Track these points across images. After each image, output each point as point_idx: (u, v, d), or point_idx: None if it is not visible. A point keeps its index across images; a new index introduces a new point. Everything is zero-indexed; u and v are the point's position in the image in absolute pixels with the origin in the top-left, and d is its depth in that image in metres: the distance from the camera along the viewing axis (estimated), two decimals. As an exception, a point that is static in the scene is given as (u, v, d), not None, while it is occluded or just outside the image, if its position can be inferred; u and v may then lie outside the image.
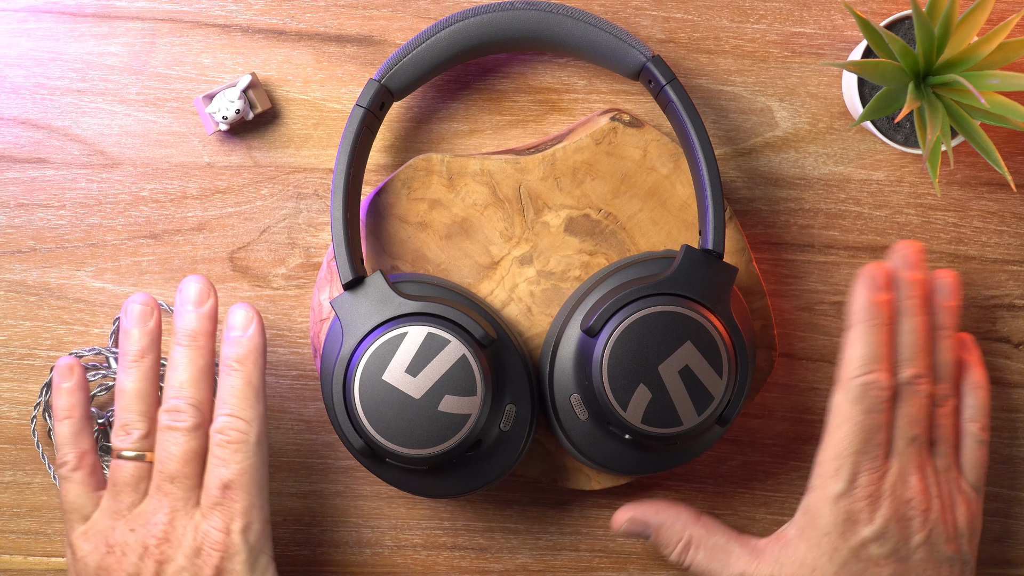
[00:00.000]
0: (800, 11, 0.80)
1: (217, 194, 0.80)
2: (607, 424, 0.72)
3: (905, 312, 0.74)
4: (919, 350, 0.74)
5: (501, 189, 0.78)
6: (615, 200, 0.78)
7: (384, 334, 0.71)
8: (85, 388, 0.75)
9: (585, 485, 0.79)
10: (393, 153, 0.80)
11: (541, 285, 0.78)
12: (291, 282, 0.80)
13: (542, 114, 0.80)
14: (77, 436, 0.74)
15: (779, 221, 0.80)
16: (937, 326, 0.75)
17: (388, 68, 0.75)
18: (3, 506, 0.81)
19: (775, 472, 0.82)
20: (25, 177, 0.80)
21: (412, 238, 0.78)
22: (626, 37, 0.75)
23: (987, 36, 0.72)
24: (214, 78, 0.80)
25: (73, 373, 0.75)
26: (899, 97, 0.73)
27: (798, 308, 0.81)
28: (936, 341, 0.75)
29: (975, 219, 0.81)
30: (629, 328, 0.70)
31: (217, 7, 0.80)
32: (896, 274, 0.75)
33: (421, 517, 0.81)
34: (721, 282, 0.72)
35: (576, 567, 0.82)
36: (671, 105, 0.74)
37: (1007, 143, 0.80)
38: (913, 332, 0.74)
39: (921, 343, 0.74)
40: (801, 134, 0.80)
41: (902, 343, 0.74)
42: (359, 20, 0.80)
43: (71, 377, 0.75)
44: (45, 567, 0.81)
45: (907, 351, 0.74)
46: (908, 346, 0.74)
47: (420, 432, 0.70)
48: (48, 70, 0.80)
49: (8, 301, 0.81)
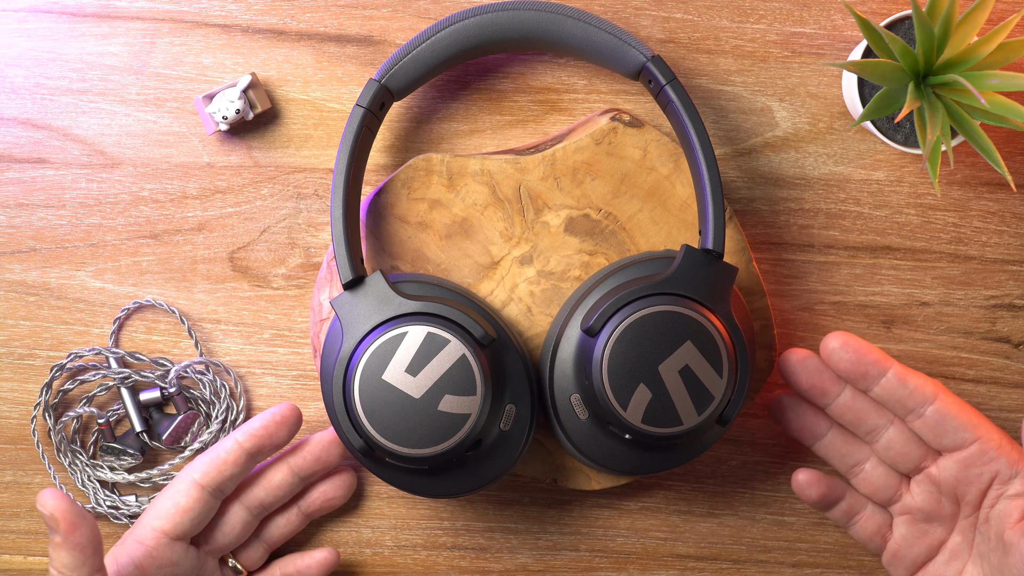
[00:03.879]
0: (800, 11, 0.80)
1: (217, 194, 0.80)
2: (607, 424, 0.72)
3: None
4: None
5: (501, 189, 0.78)
6: (615, 200, 0.78)
7: (384, 334, 0.71)
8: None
9: (585, 485, 0.79)
10: (393, 153, 0.80)
11: (541, 285, 0.78)
12: (291, 282, 0.80)
13: (542, 114, 0.80)
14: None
15: (779, 221, 0.80)
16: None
17: (388, 68, 0.75)
18: (3, 506, 0.81)
19: (775, 472, 0.82)
20: (25, 177, 0.80)
21: (412, 238, 0.78)
22: (626, 37, 0.75)
23: (987, 36, 0.72)
24: (214, 78, 0.80)
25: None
26: (899, 97, 0.73)
27: (798, 308, 0.81)
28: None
29: (975, 219, 0.81)
30: (629, 328, 0.70)
31: (217, 7, 0.80)
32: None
33: (421, 517, 0.81)
34: (721, 282, 0.72)
35: (576, 567, 0.82)
36: (671, 105, 0.74)
37: (1007, 143, 0.80)
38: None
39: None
40: (801, 134, 0.80)
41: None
42: (359, 20, 0.80)
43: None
44: (45, 567, 0.81)
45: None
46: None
47: (420, 432, 0.70)
48: (48, 70, 0.80)
49: (8, 301, 0.81)
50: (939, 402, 0.74)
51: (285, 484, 0.77)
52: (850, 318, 0.81)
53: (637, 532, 0.82)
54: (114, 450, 0.80)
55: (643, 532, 0.82)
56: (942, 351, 0.81)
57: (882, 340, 0.81)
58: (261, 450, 0.75)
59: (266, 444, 0.75)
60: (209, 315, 0.81)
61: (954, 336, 0.81)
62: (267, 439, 0.75)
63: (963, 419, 0.74)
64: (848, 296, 0.81)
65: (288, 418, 0.76)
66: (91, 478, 0.81)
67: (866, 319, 0.81)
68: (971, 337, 0.81)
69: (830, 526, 0.82)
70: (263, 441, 0.75)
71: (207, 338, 0.81)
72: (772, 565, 0.82)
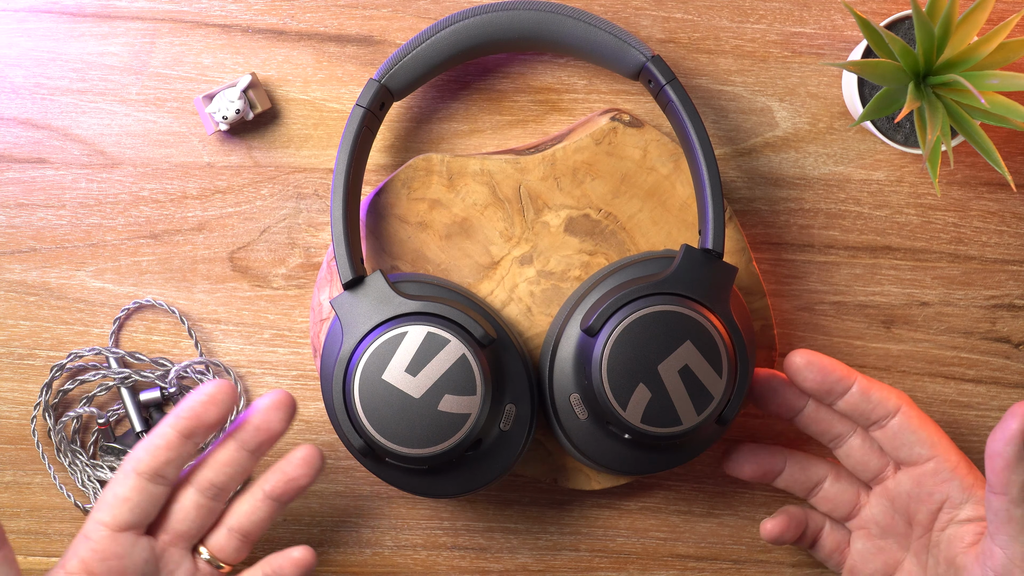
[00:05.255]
0: (800, 11, 0.80)
1: (217, 194, 0.80)
2: (607, 424, 0.72)
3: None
4: None
5: (501, 189, 0.78)
6: (615, 200, 0.78)
7: (384, 334, 0.71)
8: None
9: (585, 485, 0.79)
10: (393, 153, 0.80)
11: (541, 285, 0.78)
12: (291, 282, 0.80)
13: (542, 114, 0.80)
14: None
15: (779, 221, 0.80)
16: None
17: (388, 68, 0.75)
18: (3, 506, 0.81)
19: (775, 472, 0.82)
20: (25, 177, 0.80)
21: (412, 238, 0.78)
22: (626, 37, 0.75)
23: (987, 36, 0.72)
24: (214, 78, 0.80)
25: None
26: (899, 97, 0.73)
27: (798, 308, 0.81)
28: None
29: (975, 219, 0.81)
30: (629, 328, 0.70)
31: (217, 7, 0.80)
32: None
33: (421, 517, 0.81)
34: (721, 282, 0.72)
35: (576, 567, 0.81)
36: (671, 105, 0.74)
37: (1007, 143, 0.80)
38: None
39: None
40: (801, 134, 0.80)
41: None
42: (359, 20, 0.80)
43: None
44: (45, 567, 0.81)
45: None
46: None
47: (420, 432, 0.70)
48: (48, 70, 0.80)
49: (8, 301, 0.81)
50: (901, 415, 0.74)
51: (233, 460, 0.73)
52: (850, 318, 0.81)
53: (637, 532, 0.82)
54: (114, 450, 0.80)
55: (643, 532, 0.82)
56: (942, 351, 0.81)
57: (882, 340, 0.81)
58: (194, 430, 0.72)
59: (197, 424, 0.72)
60: (209, 315, 0.81)
61: (954, 336, 0.81)
62: (196, 419, 0.72)
63: (922, 435, 0.74)
64: (848, 296, 0.81)
65: (217, 396, 0.72)
66: (91, 478, 0.81)
67: (866, 319, 0.81)
68: (971, 337, 0.81)
69: (830, 526, 0.82)
70: (192, 422, 0.72)
71: (207, 338, 0.81)
72: (772, 565, 0.82)
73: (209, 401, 0.72)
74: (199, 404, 0.72)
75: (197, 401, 0.72)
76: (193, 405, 0.72)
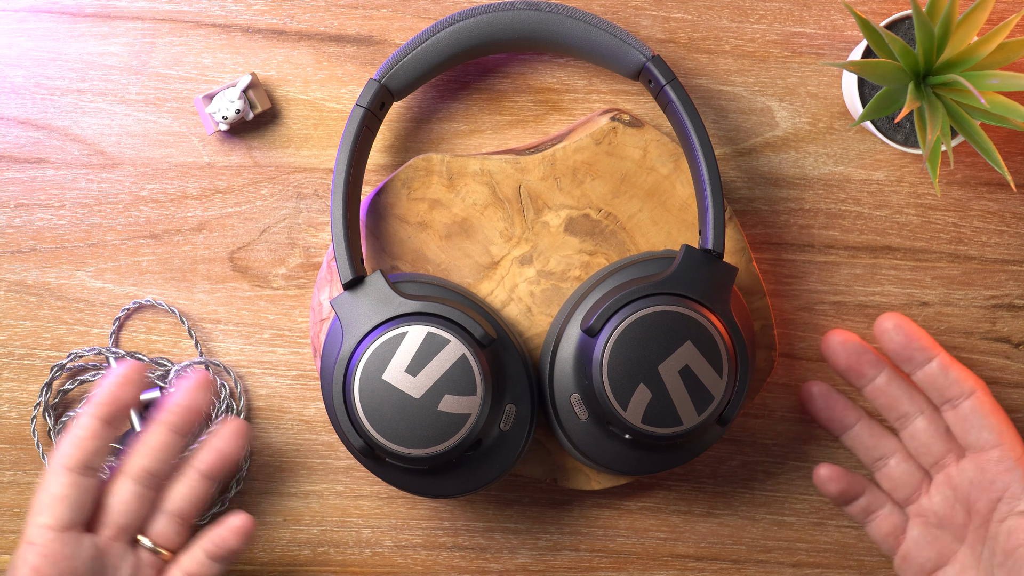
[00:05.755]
0: (800, 11, 0.80)
1: (217, 194, 0.80)
2: (607, 424, 0.72)
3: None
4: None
5: (501, 189, 0.78)
6: (615, 200, 0.78)
7: (384, 334, 0.71)
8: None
9: (585, 485, 0.79)
10: (393, 153, 0.80)
11: (541, 285, 0.78)
12: (291, 282, 0.80)
13: (542, 114, 0.80)
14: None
15: (779, 221, 0.80)
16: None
17: (388, 68, 0.75)
18: (3, 506, 0.81)
19: (775, 472, 0.82)
20: (25, 177, 0.80)
21: (412, 238, 0.78)
22: (626, 37, 0.75)
23: (987, 36, 0.72)
24: (214, 78, 0.80)
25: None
26: (899, 97, 0.73)
27: (798, 308, 0.81)
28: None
29: (975, 219, 0.81)
30: (629, 328, 0.70)
31: (217, 7, 0.80)
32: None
33: (421, 517, 0.81)
34: (721, 282, 0.72)
35: (576, 567, 0.82)
36: (671, 105, 0.74)
37: (1007, 143, 0.80)
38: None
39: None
40: (801, 134, 0.80)
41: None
42: (359, 20, 0.80)
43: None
44: (45, 567, 0.81)
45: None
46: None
47: (420, 432, 0.70)
48: (48, 70, 0.80)
49: (8, 301, 0.81)
50: (975, 398, 0.75)
51: (163, 444, 0.73)
52: (850, 318, 0.81)
53: (637, 532, 0.82)
54: (114, 450, 0.80)
55: (643, 532, 0.82)
56: (942, 351, 0.81)
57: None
58: (114, 415, 0.72)
59: (115, 407, 0.72)
60: (209, 315, 0.81)
61: (954, 336, 0.81)
62: (113, 402, 0.72)
63: (992, 421, 0.74)
64: (848, 296, 0.81)
65: (129, 376, 0.72)
66: (91, 478, 0.81)
67: (866, 319, 0.81)
68: (971, 337, 0.81)
69: (830, 526, 0.82)
70: (111, 406, 0.72)
71: (207, 338, 0.81)
72: (772, 565, 0.82)
73: (124, 382, 0.73)
74: (114, 387, 0.72)
75: (111, 384, 0.72)
76: (108, 390, 0.72)
